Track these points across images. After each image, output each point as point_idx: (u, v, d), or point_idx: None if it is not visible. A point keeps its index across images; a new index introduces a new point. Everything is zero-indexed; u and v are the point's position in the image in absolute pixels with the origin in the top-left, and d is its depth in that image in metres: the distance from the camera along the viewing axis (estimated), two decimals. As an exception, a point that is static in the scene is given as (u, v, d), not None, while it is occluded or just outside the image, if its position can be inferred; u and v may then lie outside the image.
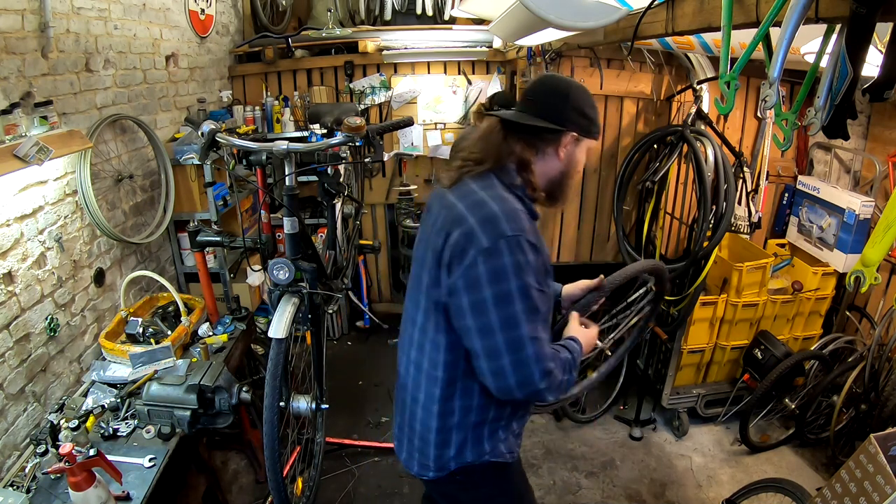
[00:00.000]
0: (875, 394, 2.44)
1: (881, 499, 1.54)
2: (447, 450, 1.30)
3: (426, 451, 1.32)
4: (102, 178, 2.20)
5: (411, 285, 1.34)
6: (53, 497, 1.55)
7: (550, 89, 1.23)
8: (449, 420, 1.28)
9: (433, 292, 1.21)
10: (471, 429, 1.28)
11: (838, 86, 0.93)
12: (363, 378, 3.46)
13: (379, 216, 4.01)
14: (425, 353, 1.27)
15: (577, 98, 1.21)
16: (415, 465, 1.36)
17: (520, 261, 1.09)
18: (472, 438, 1.29)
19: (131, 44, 2.39)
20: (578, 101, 1.21)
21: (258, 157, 1.87)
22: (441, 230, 1.18)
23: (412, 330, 1.31)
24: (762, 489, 2.01)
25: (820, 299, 2.86)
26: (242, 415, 2.51)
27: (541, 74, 2.76)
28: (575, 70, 3.00)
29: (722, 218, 2.47)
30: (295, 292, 1.73)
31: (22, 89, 1.75)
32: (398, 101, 3.63)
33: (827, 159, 3.07)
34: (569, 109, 1.20)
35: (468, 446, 1.30)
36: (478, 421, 1.29)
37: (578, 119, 1.21)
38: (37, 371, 1.84)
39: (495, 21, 2.26)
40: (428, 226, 1.28)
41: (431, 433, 1.29)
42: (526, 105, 1.24)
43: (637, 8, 1.58)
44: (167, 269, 2.78)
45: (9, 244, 1.71)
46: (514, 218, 1.12)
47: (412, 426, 1.34)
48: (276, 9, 3.70)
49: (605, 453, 2.84)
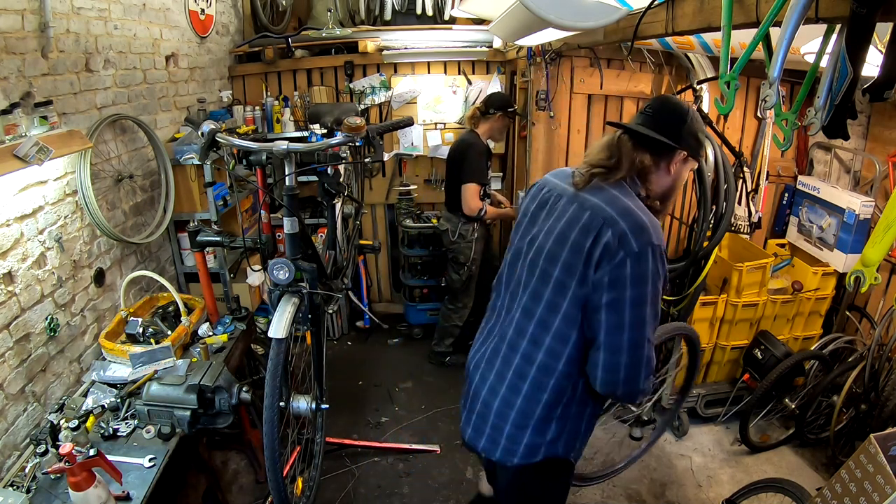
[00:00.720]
0: (875, 394, 2.44)
1: (881, 499, 1.54)
2: (542, 437, 1.35)
3: (518, 437, 1.36)
4: (102, 178, 2.20)
5: (526, 279, 1.36)
6: (53, 497, 1.55)
7: (671, 109, 1.32)
8: (553, 411, 1.34)
9: (575, 288, 1.25)
10: (570, 419, 1.36)
11: (838, 86, 0.93)
12: (363, 378, 3.46)
13: (379, 216, 4.01)
14: (542, 346, 1.31)
15: (692, 122, 1.31)
16: (498, 451, 1.40)
17: (659, 269, 1.19)
18: (571, 429, 1.37)
19: (131, 44, 2.39)
20: (693, 125, 1.31)
21: (258, 157, 1.87)
22: (587, 229, 1.24)
23: (524, 323, 1.35)
24: (762, 489, 2.01)
25: (820, 299, 2.86)
26: (242, 415, 2.51)
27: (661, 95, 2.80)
28: (575, 70, 3.00)
29: (722, 218, 2.47)
30: (295, 292, 1.73)
31: (22, 89, 1.75)
32: (398, 101, 3.63)
33: (827, 159, 3.07)
34: (685, 131, 1.29)
35: (564, 436, 1.37)
36: (576, 413, 1.36)
37: (691, 141, 1.30)
38: (37, 371, 1.84)
39: (495, 21, 2.26)
40: (553, 220, 1.33)
41: (532, 419, 1.34)
42: (645, 119, 1.32)
43: (637, 8, 1.58)
44: (167, 269, 2.78)
45: (9, 244, 1.71)
46: (658, 229, 1.22)
47: (502, 413, 1.37)
48: (276, 9, 3.70)
49: (606, 453, 2.84)
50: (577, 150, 3.15)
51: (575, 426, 1.37)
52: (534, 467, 1.38)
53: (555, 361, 1.30)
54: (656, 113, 1.31)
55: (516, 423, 1.36)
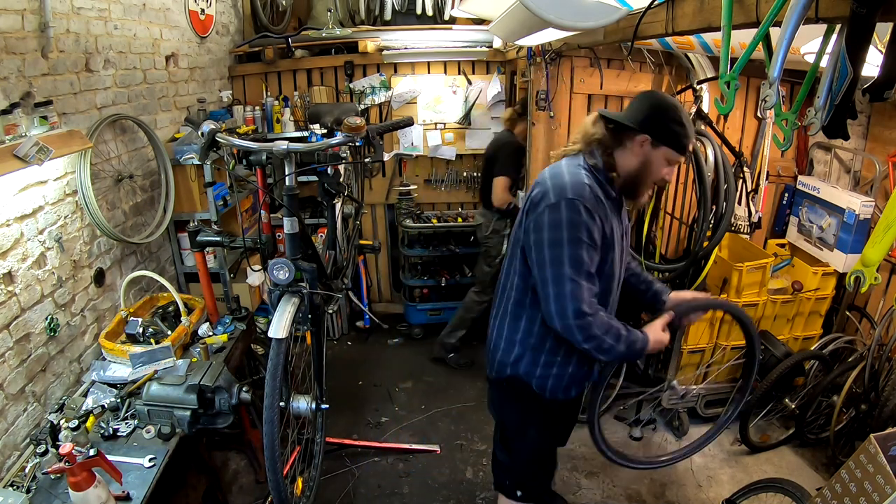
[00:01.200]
0: (875, 394, 2.44)
1: (881, 499, 1.54)
2: (508, 357, 1.66)
3: (494, 357, 1.71)
4: (102, 178, 2.20)
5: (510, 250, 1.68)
6: (53, 497, 1.55)
7: (646, 98, 1.50)
8: (514, 334, 1.64)
9: (519, 235, 1.56)
10: (529, 349, 1.62)
11: (838, 86, 0.93)
12: (363, 378, 3.46)
13: (379, 216, 4.01)
14: (513, 290, 1.63)
15: (661, 109, 1.45)
16: (488, 370, 1.77)
17: (574, 218, 1.41)
18: (529, 358, 1.63)
19: (131, 44, 2.39)
20: (665, 115, 1.44)
21: (258, 157, 1.87)
22: (530, 194, 1.55)
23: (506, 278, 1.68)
24: (762, 489, 2.01)
25: (820, 299, 2.86)
26: (242, 415, 2.51)
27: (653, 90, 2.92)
28: (575, 70, 3.00)
29: (722, 218, 2.47)
30: (295, 292, 1.72)
31: (22, 89, 1.75)
32: (398, 101, 3.63)
33: (827, 159, 3.07)
34: (650, 116, 1.45)
35: (523, 361, 1.64)
36: (536, 345, 1.61)
37: (657, 128, 1.44)
38: (37, 371, 1.84)
39: (495, 21, 2.26)
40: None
41: (502, 341, 1.68)
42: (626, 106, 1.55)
43: (637, 8, 1.58)
44: (167, 269, 2.78)
45: (9, 244, 1.71)
46: (578, 188, 1.43)
47: (494, 342, 1.72)
48: (276, 9, 3.70)
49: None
50: (577, 150, 3.16)
51: (534, 357, 1.62)
52: (504, 381, 1.70)
53: (513, 292, 1.62)
54: (633, 101, 1.52)
55: (496, 346, 1.70)
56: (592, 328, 1.42)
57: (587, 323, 1.42)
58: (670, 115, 1.44)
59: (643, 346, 1.51)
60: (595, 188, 1.46)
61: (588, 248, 1.42)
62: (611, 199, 1.51)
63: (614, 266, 1.56)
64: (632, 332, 1.50)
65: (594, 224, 1.43)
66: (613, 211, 1.53)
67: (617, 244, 1.54)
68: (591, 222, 1.42)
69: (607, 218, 1.48)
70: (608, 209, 1.49)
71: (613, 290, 1.62)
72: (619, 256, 1.57)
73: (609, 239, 1.49)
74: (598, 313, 1.44)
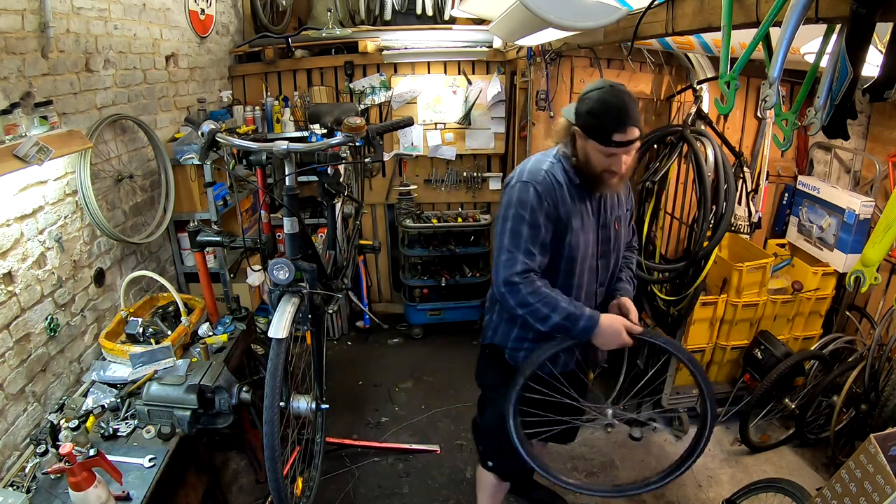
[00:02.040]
0: (875, 394, 2.44)
1: (881, 499, 1.54)
2: (489, 325, 1.82)
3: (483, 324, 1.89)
4: (102, 178, 2.20)
5: None
6: (53, 497, 1.55)
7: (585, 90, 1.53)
8: (495, 304, 1.79)
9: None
10: (504, 321, 1.76)
11: (838, 86, 0.93)
12: (363, 378, 3.46)
13: (379, 216, 4.01)
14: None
15: (583, 100, 1.49)
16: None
17: (521, 198, 1.54)
18: (504, 329, 1.76)
19: (131, 44, 2.39)
20: (588, 103, 1.48)
21: (258, 157, 1.87)
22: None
23: None
24: (762, 489, 2.01)
25: (820, 299, 2.86)
26: (242, 415, 2.51)
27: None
28: (575, 70, 3.00)
29: (722, 218, 2.47)
30: (295, 292, 1.72)
31: (22, 89, 1.75)
32: (398, 101, 3.63)
33: (827, 159, 3.07)
34: (577, 108, 1.51)
35: (499, 331, 1.78)
36: (510, 318, 1.73)
37: (583, 117, 1.49)
38: (37, 371, 1.84)
39: (495, 21, 2.26)
40: None
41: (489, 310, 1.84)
42: None
43: (637, 8, 1.58)
44: (167, 269, 2.78)
45: (9, 244, 1.71)
46: (533, 172, 1.56)
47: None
48: (276, 9, 3.70)
49: (605, 453, 2.84)
50: (577, 150, 3.16)
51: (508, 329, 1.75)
52: (485, 347, 1.87)
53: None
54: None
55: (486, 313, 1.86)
56: (522, 294, 1.52)
57: (516, 289, 1.53)
58: (588, 106, 1.47)
59: (587, 326, 1.53)
60: (557, 174, 1.56)
61: (531, 226, 1.53)
62: (577, 186, 1.58)
63: (575, 250, 1.60)
64: (576, 309, 1.53)
65: (541, 205, 1.52)
66: (579, 197, 1.59)
67: (580, 228, 1.59)
68: (538, 203, 1.52)
69: (564, 202, 1.55)
70: (570, 194, 1.57)
71: (577, 273, 1.64)
72: (583, 240, 1.61)
73: (565, 221, 1.56)
74: (531, 283, 1.53)
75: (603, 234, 1.68)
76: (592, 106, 1.46)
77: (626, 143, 1.46)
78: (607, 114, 1.44)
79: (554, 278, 1.63)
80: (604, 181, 1.55)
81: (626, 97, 1.45)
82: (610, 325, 1.56)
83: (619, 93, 1.45)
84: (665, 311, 2.91)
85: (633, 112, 1.44)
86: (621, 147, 1.46)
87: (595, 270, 1.70)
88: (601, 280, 1.72)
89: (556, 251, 1.60)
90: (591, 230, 1.63)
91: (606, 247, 1.69)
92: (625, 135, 1.44)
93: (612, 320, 1.57)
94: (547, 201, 1.53)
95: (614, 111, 1.44)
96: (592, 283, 1.70)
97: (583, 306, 1.56)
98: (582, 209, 1.60)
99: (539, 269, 1.57)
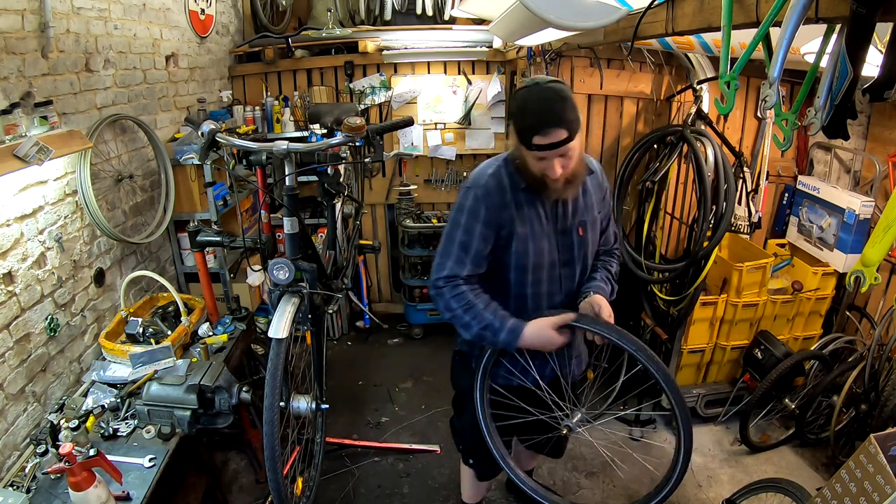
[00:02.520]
0: (875, 394, 2.44)
1: (881, 499, 1.54)
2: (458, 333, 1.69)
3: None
4: (102, 178, 2.20)
5: None
6: (53, 497, 1.55)
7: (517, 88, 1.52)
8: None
9: None
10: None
11: (838, 86, 0.93)
12: (363, 378, 3.46)
13: (379, 216, 4.01)
14: None
15: (515, 99, 1.44)
16: None
17: (462, 203, 1.52)
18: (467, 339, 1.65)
19: (131, 44, 2.39)
20: (514, 103, 1.43)
21: (258, 157, 1.87)
22: None
23: None
24: (762, 489, 2.01)
25: (820, 299, 2.86)
26: (242, 415, 2.51)
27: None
28: (575, 70, 3.00)
29: (722, 218, 2.47)
30: (295, 292, 1.73)
31: (22, 89, 1.75)
32: (398, 101, 3.63)
33: (827, 159, 3.07)
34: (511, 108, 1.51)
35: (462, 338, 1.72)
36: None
37: (512, 118, 1.47)
38: (37, 371, 1.84)
39: (495, 21, 2.26)
40: None
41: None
42: None
43: (637, 8, 1.58)
44: (167, 269, 2.78)
45: (9, 244, 1.71)
46: (477, 177, 1.53)
47: None
48: (276, 9, 3.70)
49: (605, 455, 2.84)
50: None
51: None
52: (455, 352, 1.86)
53: None
54: None
55: None
56: (446, 299, 1.50)
57: (440, 294, 1.51)
58: (513, 106, 1.42)
59: (508, 339, 1.47)
60: (502, 178, 1.50)
61: (465, 231, 1.50)
62: (524, 190, 1.50)
63: (524, 257, 1.52)
64: (497, 319, 1.48)
65: (478, 210, 1.49)
66: (528, 202, 1.51)
67: (528, 235, 1.51)
68: (475, 208, 1.49)
69: (506, 207, 1.49)
70: (516, 199, 1.49)
71: (531, 283, 1.56)
72: (533, 247, 1.52)
73: (509, 227, 1.49)
74: (455, 288, 1.50)
75: (563, 241, 1.57)
76: (516, 107, 1.40)
77: (547, 147, 1.35)
78: (528, 115, 1.37)
79: (506, 288, 1.57)
80: (548, 185, 1.45)
81: (552, 95, 1.34)
82: (536, 332, 1.48)
83: (544, 91, 1.35)
84: (665, 311, 2.91)
85: (557, 112, 1.33)
86: (544, 151, 1.36)
87: (558, 280, 1.60)
88: (567, 290, 1.62)
89: (502, 259, 1.54)
90: (545, 237, 1.54)
91: (569, 254, 1.59)
92: (546, 137, 1.34)
93: (537, 326, 1.48)
94: (486, 207, 1.47)
95: (535, 112, 1.35)
96: (556, 293, 1.60)
97: (507, 317, 1.49)
98: (531, 214, 1.51)
99: (469, 276, 1.51)
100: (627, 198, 3.07)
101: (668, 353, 2.92)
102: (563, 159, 1.39)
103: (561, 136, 1.33)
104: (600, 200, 1.65)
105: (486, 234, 1.49)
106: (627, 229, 3.15)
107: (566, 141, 1.35)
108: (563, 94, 1.36)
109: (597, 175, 1.64)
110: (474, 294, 1.51)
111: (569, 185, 1.46)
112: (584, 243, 1.60)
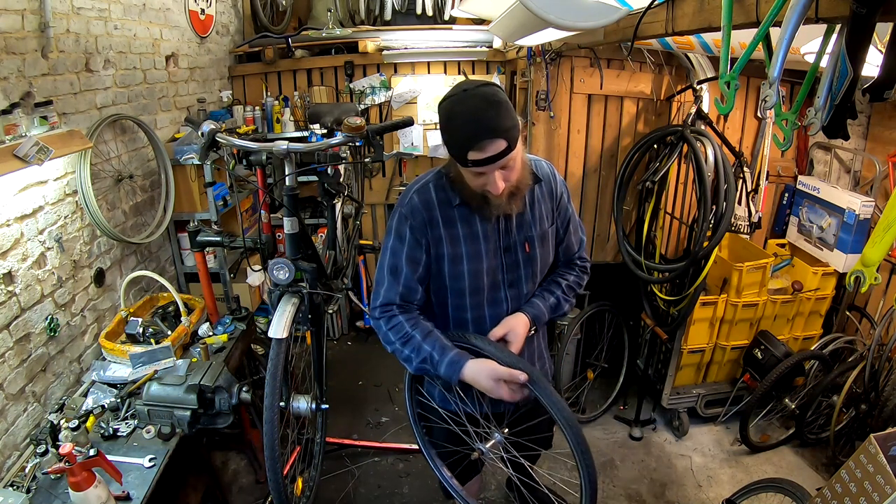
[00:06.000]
0: (875, 394, 2.44)
1: (881, 499, 1.54)
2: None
3: None
4: (102, 178, 2.20)
5: None
6: (53, 497, 1.55)
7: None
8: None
9: None
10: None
11: (838, 86, 0.93)
12: (363, 378, 3.46)
13: (379, 216, 4.01)
14: None
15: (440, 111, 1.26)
16: None
17: (390, 225, 1.41)
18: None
19: (131, 44, 2.39)
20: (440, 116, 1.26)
21: (258, 157, 1.87)
22: None
23: None
24: (762, 489, 2.01)
25: (820, 299, 2.86)
26: (242, 415, 2.51)
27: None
28: (575, 70, 3.00)
29: (722, 218, 2.47)
30: (295, 292, 1.73)
31: (22, 89, 1.75)
32: (398, 101, 3.63)
33: (827, 159, 3.07)
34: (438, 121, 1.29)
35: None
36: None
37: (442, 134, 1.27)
38: (37, 371, 1.84)
39: (495, 21, 2.26)
40: None
41: None
42: None
43: (637, 8, 1.58)
44: (167, 269, 2.78)
45: (9, 244, 1.71)
46: (403, 195, 1.40)
47: None
48: (276, 9, 3.70)
49: (605, 453, 2.84)
50: (577, 150, 3.15)
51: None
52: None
53: None
54: None
55: None
56: (384, 332, 1.40)
57: (377, 325, 1.42)
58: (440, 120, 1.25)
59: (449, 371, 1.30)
60: (429, 195, 1.36)
61: (392, 255, 1.39)
62: (457, 207, 1.36)
63: (459, 280, 1.39)
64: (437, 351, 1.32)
65: (403, 231, 1.36)
66: (463, 219, 1.36)
67: (461, 255, 1.37)
68: (402, 229, 1.37)
69: (435, 226, 1.35)
70: (446, 217, 1.35)
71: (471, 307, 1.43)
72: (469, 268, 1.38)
73: (440, 245, 1.36)
74: (392, 318, 1.38)
75: (508, 260, 1.42)
76: (442, 120, 1.24)
77: (485, 162, 1.19)
78: (458, 129, 1.19)
79: (445, 312, 1.46)
80: (490, 202, 1.30)
81: (481, 103, 1.17)
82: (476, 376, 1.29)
83: (472, 98, 1.18)
84: (665, 311, 2.91)
85: (491, 121, 1.16)
86: (481, 166, 1.20)
87: (504, 301, 1.45)
88: (514, 312, 1.45)
89: (438, 283, 1.42)
90: (485, 256, 1.39)
91: (515, 273, 1.44)
92: (482, 152, 1.17)
93: (478, 369, 1.29)
94: (410, 227, 1.35)
95: (465, 125, 1.18)
96: (502, 315, 1.44)
97: (450, 349, 1.33)
98: (465, 233, 1.36)
99: (406, 303, 1.39)
100: (627, 198, 3.07)
101: (668, 352, 2.92)
102: (505, 171, 1.24)
103: (499, 147, 1.17)
104: (552, 210, 1.48)
105: (414, 255, 1.36)
106: (627, 229, 3.15)
107: (506, 152, 1.19)
108: (495, 99, 1.18)
109: (548, 181, 1.46)
110: (412, 324, 1.37)
111: (513, 197, 1.31)
112: (532, 260, 1.45)
